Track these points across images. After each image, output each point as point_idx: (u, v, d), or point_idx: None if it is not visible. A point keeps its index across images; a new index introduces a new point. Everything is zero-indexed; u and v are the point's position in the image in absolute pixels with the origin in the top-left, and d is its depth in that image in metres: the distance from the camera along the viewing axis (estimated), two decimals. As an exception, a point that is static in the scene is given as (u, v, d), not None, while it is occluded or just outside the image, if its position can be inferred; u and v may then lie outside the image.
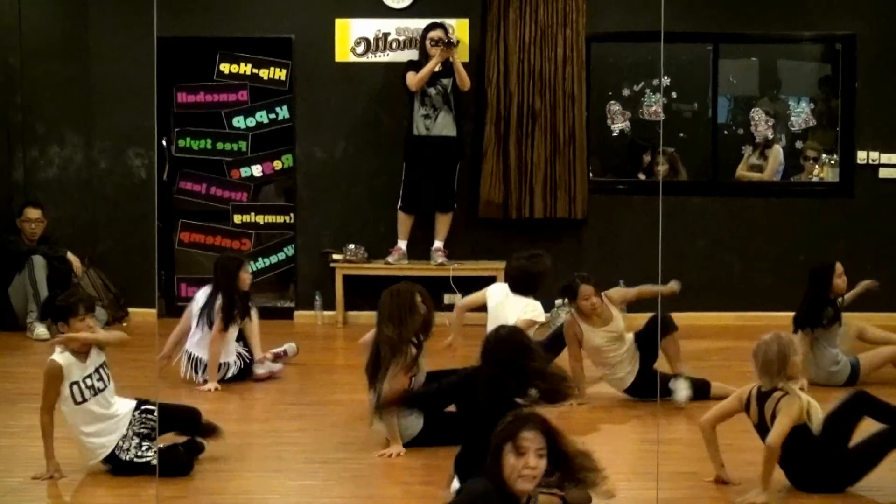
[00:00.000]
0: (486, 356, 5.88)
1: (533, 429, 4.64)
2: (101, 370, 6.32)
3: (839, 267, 8.60)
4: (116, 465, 6.34)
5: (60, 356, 6.18)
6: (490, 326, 8.15)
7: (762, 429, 6.11)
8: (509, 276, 8.43)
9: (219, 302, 8.53)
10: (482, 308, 8.45)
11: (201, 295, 8.72)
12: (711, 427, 6.26)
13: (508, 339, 5.96)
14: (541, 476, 4.67)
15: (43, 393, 6.26)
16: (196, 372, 8.55)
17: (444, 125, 11.00)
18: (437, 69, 10.86)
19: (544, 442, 4.62)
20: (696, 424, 6.42)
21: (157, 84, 11.15)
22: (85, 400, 6.27)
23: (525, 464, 4.54)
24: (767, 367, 5.94)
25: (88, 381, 6.25)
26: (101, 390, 6.30)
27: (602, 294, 8.00)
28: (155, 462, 6.13)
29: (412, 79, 10.81)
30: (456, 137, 11.06)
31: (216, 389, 8.33)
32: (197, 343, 8.62)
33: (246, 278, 8.75)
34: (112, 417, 6.35)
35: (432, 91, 10.96)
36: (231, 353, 8.67)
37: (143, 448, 6.29)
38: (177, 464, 6.34)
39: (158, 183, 11.33)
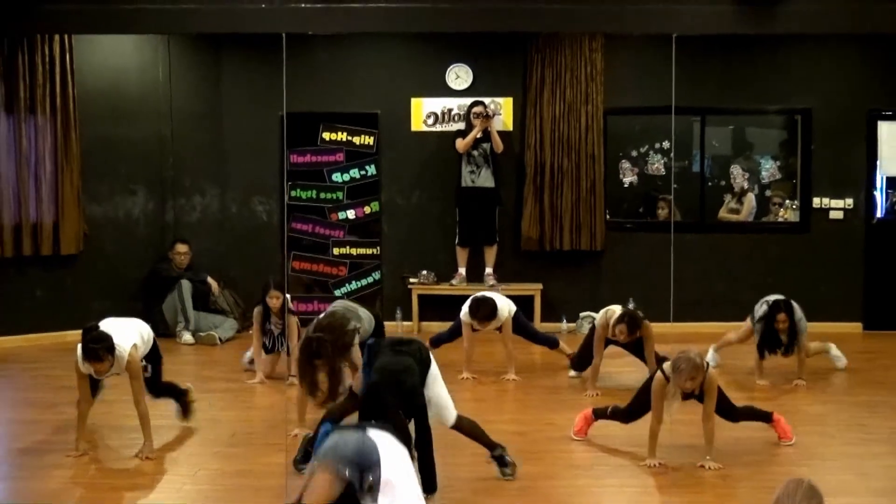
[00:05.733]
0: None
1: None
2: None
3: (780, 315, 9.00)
4: None
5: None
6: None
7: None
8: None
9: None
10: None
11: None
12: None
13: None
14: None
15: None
16: None
17: (486, 179, 11.42)
18: (478, 136, 11.24)
19: None
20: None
21: (278, 148, 11.70)
22: None
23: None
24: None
25: None
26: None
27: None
28: None
29: (460, 144, 11.30)
30: (495, 188, 11.42)
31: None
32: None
33: (275, 302, 9.02)
34: None
35: (476, 153, 11.37)
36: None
37: None
38: None
39: (280, 224, 11.66)
